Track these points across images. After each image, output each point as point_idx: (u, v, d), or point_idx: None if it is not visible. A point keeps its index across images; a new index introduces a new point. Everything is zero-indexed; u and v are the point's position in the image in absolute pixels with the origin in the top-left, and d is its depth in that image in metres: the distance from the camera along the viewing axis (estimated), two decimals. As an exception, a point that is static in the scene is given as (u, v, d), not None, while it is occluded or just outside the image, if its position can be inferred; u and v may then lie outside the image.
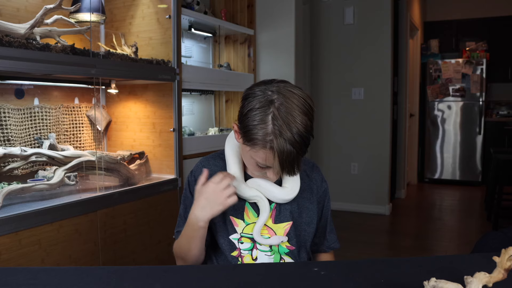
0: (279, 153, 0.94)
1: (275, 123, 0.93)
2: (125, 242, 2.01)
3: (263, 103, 0.95)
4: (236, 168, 1.10)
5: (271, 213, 1.10)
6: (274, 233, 1.10)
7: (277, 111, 0.93)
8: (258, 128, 0.94)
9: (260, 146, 0.96)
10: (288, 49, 3.28)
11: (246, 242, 1.10)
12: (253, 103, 0.96)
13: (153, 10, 2.35)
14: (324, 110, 4.49)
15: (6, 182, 1.72)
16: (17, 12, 1.95)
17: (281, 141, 0.93)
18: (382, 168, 4.28)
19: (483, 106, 5.75)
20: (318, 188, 1.17)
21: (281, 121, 0.93)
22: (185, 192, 1.18)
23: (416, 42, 5.90)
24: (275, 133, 0.93)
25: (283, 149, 0.93)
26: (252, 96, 0.97)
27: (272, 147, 0.94)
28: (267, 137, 0.94)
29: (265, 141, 0.94)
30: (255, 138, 0.95)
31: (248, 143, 0.98)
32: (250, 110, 0.96)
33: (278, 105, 0.94)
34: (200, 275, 0.92)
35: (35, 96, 2.06)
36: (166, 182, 2.26)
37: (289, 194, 1.09)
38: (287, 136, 0.93)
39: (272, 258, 1.10)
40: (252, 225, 1.09)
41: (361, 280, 0.86)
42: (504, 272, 0.64)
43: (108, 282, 0.86)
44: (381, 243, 3.54)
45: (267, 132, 0.94)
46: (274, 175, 1.03)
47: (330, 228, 1.21)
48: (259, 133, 0.94)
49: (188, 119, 2.97)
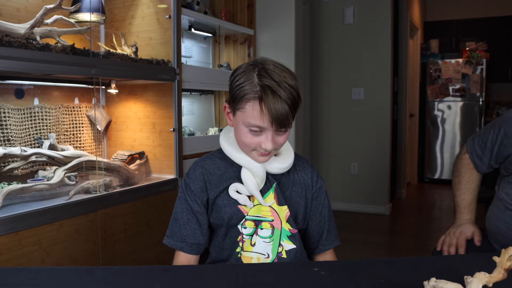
0: (268, 102, 0.98)
1: (260, 77, 1.00)
2: (125, 242, 2.01)
3: (246, 67, 1.04)
4: (243, 156, 1.10)
5: (274, 193, 1.11)
6: (277, 215, 1.10)
7: (261, 70, 1.01)
8: (245, 85, 1.01)
9: (248, 100, 1.00)
10: (288, 49, 3.28)
11: (249, 227, 1.10)
12: (238, 71, 1.05)
13: (153, 10, 2.35)
14: (324, 110, 4.49)
15: (6, 182, 1.72)
16: (17, 12, 1.95)
17: (267, 91, 0.98)
18: (382, 168, 4.28)
19: (483, 106, 5.75)
20: (314, 184, 1.17)
21: (266, 75, 1.00)
22: (181, 195, 1.15)
23: (416, 42, 5.90)
24: (261, 85, 0.99)
25: (271, 97, 0.98)
26: (237, 70, 1.06)
27: (261, 97, 0.99)
28: (254, 88, 1.00)
29: (252, 93, 1.00)
30: (243, 94, 1.01)
31: (238, 105, 1.03)
32: (235, 77, 1.04)
33: (261, 66, 1.02)
34: (200, 275, 0.92)
35: (35, 96, 2.06)
36: (166, 182, 2.26)
37: (284, 162, 1.11)
38: (272, 84, 0.99)
39: (270, 245, 1.10)
40: (257, 207, 1.10)
41: (361, 280, 0.86)
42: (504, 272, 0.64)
43: (108, 282, 0.86)
44: (381, 243, 3.54)
45: (253, 85, 1.00)
46: (270, 141, 1.02)
47: (330, 226, 1.20)
48: (246, 87, 1.00)
49: (188, 119, 2.97)
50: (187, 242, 1.11)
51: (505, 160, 1.38)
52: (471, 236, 1.44)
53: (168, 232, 1.14)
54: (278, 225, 1.11)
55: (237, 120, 1.05)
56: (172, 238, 1.12)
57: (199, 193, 1.12)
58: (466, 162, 1.49)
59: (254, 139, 1.04)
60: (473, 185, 1.49)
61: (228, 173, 1.13)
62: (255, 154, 1.07)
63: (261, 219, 1.10)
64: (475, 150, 1.46)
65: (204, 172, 1.13)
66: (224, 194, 1.11)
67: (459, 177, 1.50)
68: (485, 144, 1.43)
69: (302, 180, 1.17)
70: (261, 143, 1.04)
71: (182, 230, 1.11)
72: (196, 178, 1.12)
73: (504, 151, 1.37)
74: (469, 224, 1.46)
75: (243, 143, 1.06)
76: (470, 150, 1.48)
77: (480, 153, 1.45)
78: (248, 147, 1.06)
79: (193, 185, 1.12)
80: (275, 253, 1.10)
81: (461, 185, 1.49)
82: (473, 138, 1.50)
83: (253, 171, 1.09)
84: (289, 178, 1.15)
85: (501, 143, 1.38)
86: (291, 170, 1.15)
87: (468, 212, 1.48)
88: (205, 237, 1.13)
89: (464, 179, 1.49)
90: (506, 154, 1.37)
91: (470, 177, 1.48)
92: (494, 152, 1.40)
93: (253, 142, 1.04)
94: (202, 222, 1.12)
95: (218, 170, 1.13)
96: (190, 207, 1.12)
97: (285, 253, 1.11)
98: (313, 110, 4.54)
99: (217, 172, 1.13)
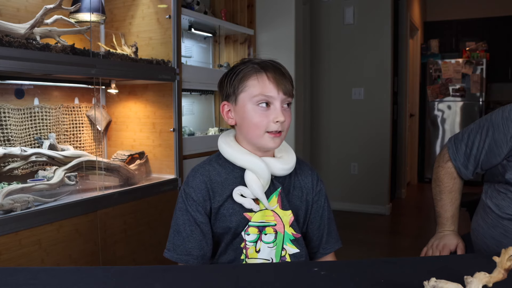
0: (270, 71, 1.05)
1: (255, 60, 1.09)
2: (125, 242, 2.01)
3: (235, 64, 1.11)
4: (246, 157, 1.08)
5: (277, 197, 1.09)
6: (280, 220, 1.09)
7: (253, 59, 1.09)
8: (242, 67, 1.07)
9: (250, 75, 1.05)
10: (288, 49, 3.28)
11: (253, 234, 1.07)
12: (227, 71, 1.11)
13: (153, 10, 2.35)
14: (324, 110, 4.49)
15: (6, 182, 1.72)
16: (17, 12, 1.95)
17: (267, 63, 1.07)
18: (382, 168, 4.28)
19: (483, 106, 5.75)
20: (314, 187, 1.17)
21: (257, 59, 1.09)
22: (181, 205, 1.08)
23: (416, 42, 5.90)
24: (259, 62, 1.07)
25: (271, 67, 1.06)
26: (226, 72, 1.12)
27: (263, 67, 1.05)
28: (253, 65, 1.06)
29: (253, 69, 1.06)
30: (243, 75, 1.06)
31: (239, 88, 1.06)
32: (228, 73, 1.10)
33: (254, 60, 1.09)
34: (200, 275, 0.92)
35: (35, 96, 2.06)
36: (166, 182, 2.26)
37: (287, 163, 1.11)
38: (268, 61, 1.08)
39: (273, 250, 1.08)
40: (261, 212, 1.08)
41: (361, 280, 0.86)
42: (504, 272, 0.64)
43: (108, 282, 0.86)
44: (381, 243, 3.54)
45: (251, 64, 1.07)
46: (279, 111, 1.05)
47: (330, 229, 1.19)
48: (245, 69, 1.06)
49: (188, 119, 2.97)
50: (193, 254, 1.06)
51: (492, 168, 1.29)
52: (454, 249, 1.37)
53: (170, 246, 1.08)
54: (281, 229, 1.09)
55: (243, 104, 1.06)
56: (176, 252, 1.07)
57: (202, 202, 1.07)
58: (449, 172, 1.38)
59: (264, 116, 1.04)
60: (456, 194, 1.39)
61: (230, 179, 1.08)
62: (267, 138, 1.06)
63: (265, 224, 1.08)
64: (459, 157, 1.35)
65: (206, 180, 1.08)
66: (228, 202, 1.07)
67: (440, 187, 1.40)
68: (471, 151, 1.31)
69: (303, 184, 1.16)
70: (272, 118, 1.04)
71: (186, 243, 1.06)
72: (197, 187, 1.07)
73: (492, 159, 1.27)
74: (452, 236, 1.38)
75: (255, 125, 1.05)
76: (453, 156, 1.36)
77: (464, 161, 1.34)
78: (260, 129, 1.05)
79: (194, 195, 1.07)
80: (279, 257, 1.09)
81: (443, 195, 1.39)
82: (454, 141, 1.37)
83: (257, 172, 1.06)
84: (290, 181, 1.14)
85: (488, 150, 1.27)
86: (292, 174, 1.14)
87: (451, 223, 1.39)
88: (209, 246, 1.09)
89: (447, 189, 1.39)
90: (494, 162, 1.27)
91: (453, 187, 1.39)
92: (481, 160, 1.30)
93: (264, 120, 1.04)
94: (206, 232, 1.07)
95: (219, 177, 1.09)
96: (192, 218, 1.06)
97: (288, 257, 1.10)
98: (313, 110, 4.54)
99: (219, 179, 1.08)
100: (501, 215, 1.26)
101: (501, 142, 1.24)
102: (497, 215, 1.27)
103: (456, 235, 1.40)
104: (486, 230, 1.30)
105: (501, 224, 1.26)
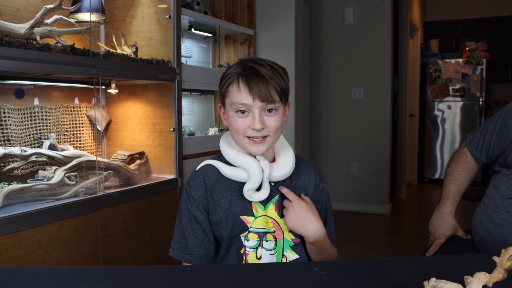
0: (247, 77, 1.02)
1: (243, 62, 1.07)
2: (125, 242, 2.01)
3: (235, 63, 1.09)
4: (241, 157, 1.08)
5: (275, 205, 1.09)
6: (279, 226, 1.09)
7: (244, 60, 1.08)
8: (228, 72, 1.07)
9: (231, 82, 1.04)
10: (288, 49, 3.28)
11: (253, 240, 1.08)
12: (225, 70, 1.10)
13: (153, 10, 2.35)
14: (324, 110, 4.49)
15: (6, 182, 1.72)
16: (17, 12, 1.95)
17: (247, 69, 1.03)
18: (382, 168, 4.28)
19: (483, 106, 5.75)
20: (317, 186, 1.17)
21: (248, 60, 1.07)
22: (183, 205, 1.11)
23: (416, 42, 5.90)
24: (242, 66, 1.05)
25: (250, 73, 1.02)
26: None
27: (240, 74, 1.03)
28: (236, 70, 1.05)
29: (235, 74, 1.04)
30: (226, 80, 1.05)
31: (225, 93, 1.07)
32: (224, 73, 1.09)
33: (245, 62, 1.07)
34: (200, 275, 0.92)
35: (35, 96, 2.06)
36: (166, 182, 2.26)
37: (282, 170, 1.10)
38: (252, 64, 1.04)
39: (274, 257, 1.09)
40: (261, 218, 1.08)
41: (361, 280, 0.86)
42: (504, 272, 0.64)
43: (108, 282, 0.86)
44: (381, 243, 3.54)
45: (235, 68, 1.06)
46: (257, 120, 1.02)
47: (330, 229, 1.19)
48: (229, 74, 1.06)
49: (188, 119, 2.97)
50: (195, 254, 1.08)
51: (504, 151, 1.37)
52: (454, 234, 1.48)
53: (175, 244, 1.11)
54: (280, 236, 1.10)
55: (227, 110, 1.07)
56: (180, 251, 1.09)
57: (202, 200, 1.09)
58: (462, 156, 1.49)
59: (241, 122, 1.04)
60: (463, 178, 1.47)
61: (230, 179, 1.10)
62: (247, 142, 1.06)
63: (265, 231, 1.09)
64: (474, 142, 1.45)
65: (206, 179, 1.10)
66: (225, 203, 1.09)
67: (451, 168, 1.50)
68: (485, 136, 1.41)
69: (307, 183, 1.15)
70: (249, 124, 1.03)
71: (189, 242, 1.09)
72: (198, 185, 1.10)
73: (502, 141, 1.36)
74: (449, 220, 1.47)
75: (235, 130, 1.06)
76: (469, 142, 1.47)
77: (479, 145, 1.43)
78: (239, 134, 1.05)
79: (195, 193, 1.09)
80: None
81: (451, 176, 1.49)
82: (474, 132, 1.49)
83: (250, 172, 1.06)
84: (291, 183, 1.14)
85: (499, 133, 1.37)
86: (293, 174, 1.13)
87: (450, 204, 1.48)
88: (212, 246, 1.10)
89: (456, 171, 1.48)
90: (504, 145, 1.36)
91: (462, 171, 1.47)
92: (493, 143, 1.39)
93: (242, 125, 1.04)
94: (208, 231, 1.10)
95: (219, 176, 1.10)
96: (194, 217, 1.09)
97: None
98: (313, 110, 4.54)
99: (219, 179, 1.10)
100: (505, 195, 1.29)
101: (509, 124, 1.33)
102: (501, 197, 1.31)
103: (453, 217, 1.48)
104: (482, 208, 1.38)
105: (503, 205, 1.30)
